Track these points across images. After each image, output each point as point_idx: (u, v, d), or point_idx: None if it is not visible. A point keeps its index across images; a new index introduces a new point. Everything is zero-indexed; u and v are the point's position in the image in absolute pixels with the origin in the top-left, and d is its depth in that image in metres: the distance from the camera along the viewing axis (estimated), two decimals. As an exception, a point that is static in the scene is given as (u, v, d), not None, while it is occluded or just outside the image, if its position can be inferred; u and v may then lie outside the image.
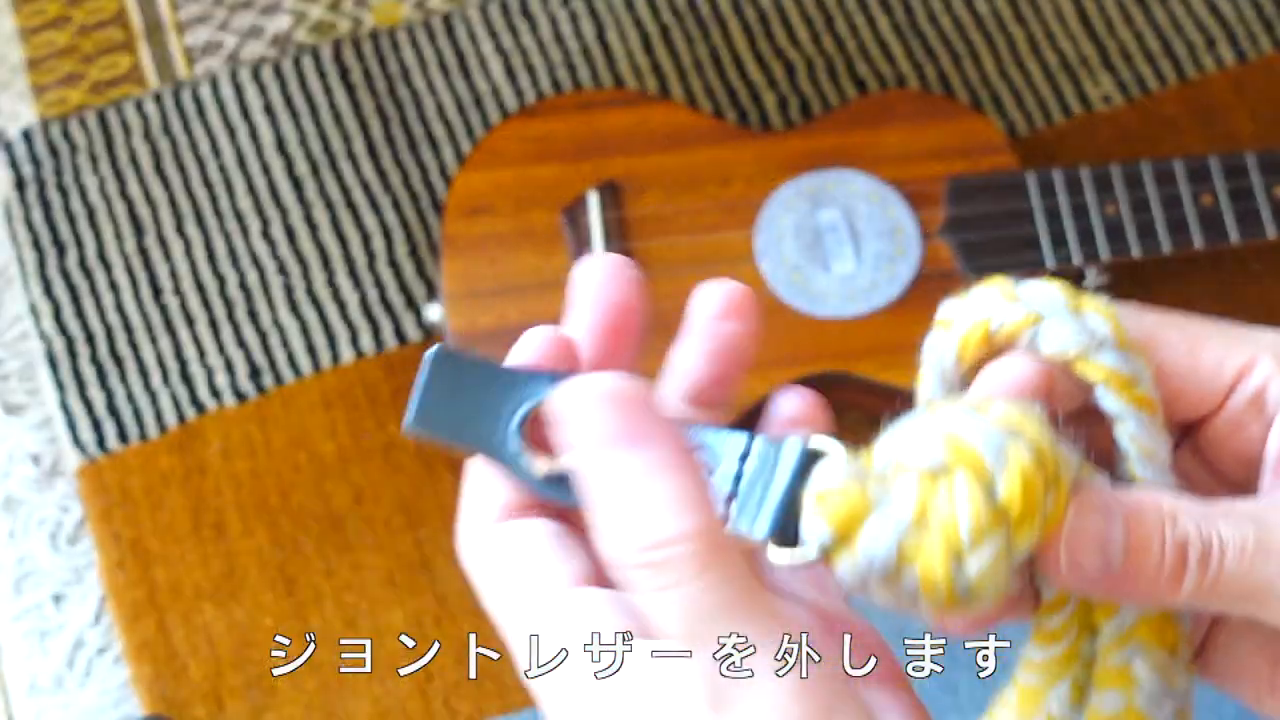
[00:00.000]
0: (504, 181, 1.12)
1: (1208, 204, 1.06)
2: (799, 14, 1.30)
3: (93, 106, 1.27)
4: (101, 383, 1.18)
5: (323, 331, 1.19)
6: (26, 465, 1.17)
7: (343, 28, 1.30)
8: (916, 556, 0.33)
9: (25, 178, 1.25)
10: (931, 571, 0.33)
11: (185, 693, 1.09)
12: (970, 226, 1.08)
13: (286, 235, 1.23)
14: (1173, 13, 1.29)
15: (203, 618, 1.11)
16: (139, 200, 1.24)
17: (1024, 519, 0.33)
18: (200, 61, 1.29)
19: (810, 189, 1.10)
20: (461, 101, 1.27)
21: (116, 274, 1.22)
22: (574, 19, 1.30)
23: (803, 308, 1.07)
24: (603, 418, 0.34)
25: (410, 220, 1.22)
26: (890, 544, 0.33)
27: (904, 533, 0.33)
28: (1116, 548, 0.34)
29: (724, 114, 1.26)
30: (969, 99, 1.26)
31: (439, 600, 1.11)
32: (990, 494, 0.33)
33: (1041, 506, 0.33)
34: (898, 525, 0.33)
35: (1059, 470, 0.34)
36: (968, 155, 1.11)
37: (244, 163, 1.25)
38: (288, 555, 1.12)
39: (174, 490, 1.14)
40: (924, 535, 0.33)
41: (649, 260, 1.09)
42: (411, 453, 1.15)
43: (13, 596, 1.13)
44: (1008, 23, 1.29)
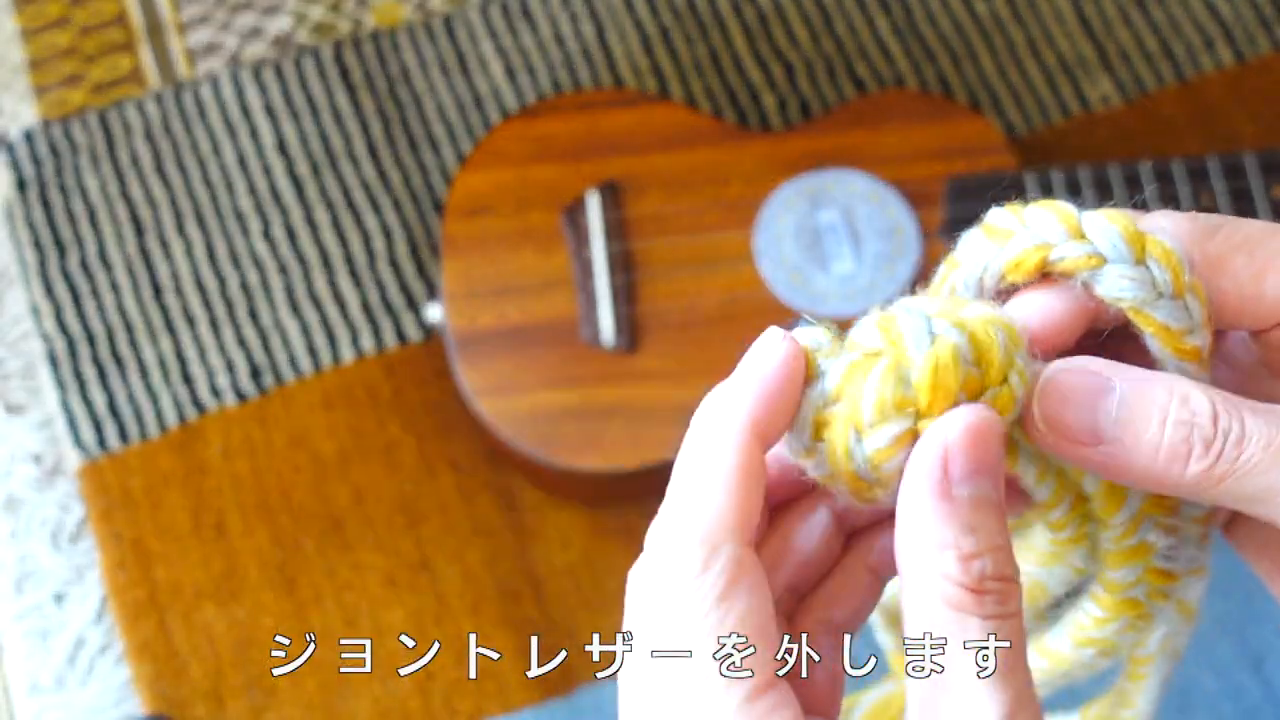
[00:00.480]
0: (504, 181, 1.12)
1: (1207, 204, 1.06)
2: (798, 15, 1.30)
3: (94, 107, 1.28)
4: (102, 383, 1.19)
5: (323, 331, 1.20)
6: (28, 465, 1.17)
7: (343, 29, 1.30)
8: (826, 431, 0.34)
9: (26, 178, 1.25)
10: (834, 445, 0.34)
11: (186, 692, 1.09)
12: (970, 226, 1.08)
13: (287, 235, 1.23)
14: (1171, 14, 1.29)
15: (203, 617, 1.11)
16: (140, 201, 1.24)
17: (931, 409, 0.33)
18: (201, 62, 1.30)
19: (810, 189, 1.10)
20: (462, 102, 1.27)
21: (117, 274, 1.22)
22: (574, 19, 1.30)
23: (802, 308, 1.07)
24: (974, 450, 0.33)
25: (410, 220, 1.23)
26: (808, 413, 0.34)
27: (821, 405, 0.34)
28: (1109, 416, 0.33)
29: (724, 114, 1.26)
30: (968, 99, 1.26)
31: (439, 600, 1.11)
32: (904, 380, 0.33)
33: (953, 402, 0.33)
34: (820, 396, 0.34)
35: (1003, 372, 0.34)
36: (967, 155, 1.11)
37: (245, 163, 1.25)
38: (288, 555, 1.12)
39: (175, 490, 1.15)
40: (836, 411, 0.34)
41: (649, 260, 1.09)
42: (411, 453, 1.15)
43: (14, 596, 1.13)
44: (1006, 23, 1.29)
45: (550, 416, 1.06)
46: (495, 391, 1.07)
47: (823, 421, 0.34)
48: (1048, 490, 0.37)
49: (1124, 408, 0.33)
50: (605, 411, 1.05)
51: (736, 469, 0.33)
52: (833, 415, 0.34)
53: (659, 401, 1.05)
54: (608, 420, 1.05)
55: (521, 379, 1.07)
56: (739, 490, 0.33)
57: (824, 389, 0.34)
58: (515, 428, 1.06)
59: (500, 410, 1.06)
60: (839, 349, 0.35)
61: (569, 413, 1.06)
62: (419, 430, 1.16)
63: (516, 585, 1.11)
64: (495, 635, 1.10)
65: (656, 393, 1.04)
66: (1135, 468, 0.34)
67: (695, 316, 1.07)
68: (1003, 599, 0.32)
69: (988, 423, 0.33)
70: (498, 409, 1.06)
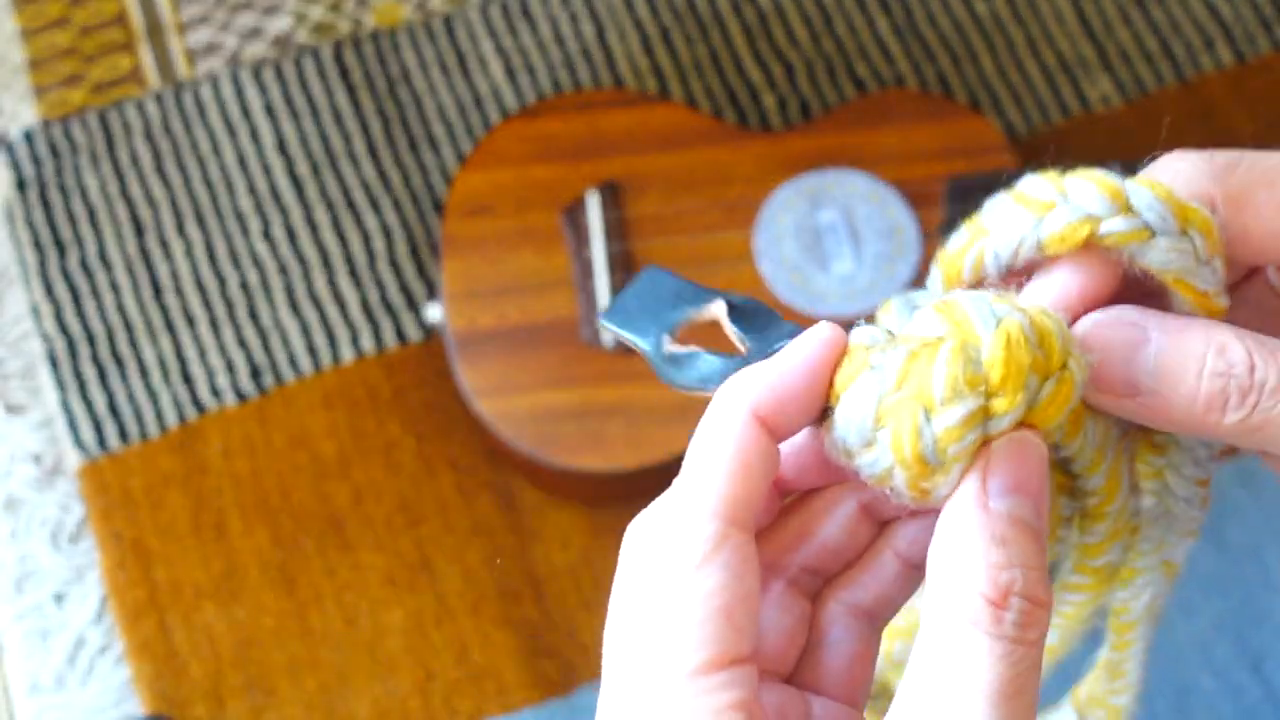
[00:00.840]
0: (504, 181, 1.12)
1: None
2: (798, 15, 1.30)
3: (94, 107, 1.28)
4: (102, 383, 1.19)
5: (323, 331, 1.20)
6: (28, 465, 1.17)
7: (343, 29, 1.30)
8: (889, 419, 0.33)
9: (26, 178, 1.25)
10: (899, 430, 0.33)
11: (186, 692, 1.09)
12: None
13: (287, 235, 1.23)
14: (1171, 14, 1.29)
15: (203, 617, 1.11)
16: (140, 200, 1.24)
17: (1003, 385, 0.33)
18: (201, 62, 1.30)
19: (810, 189, 1.10)
20: (462, 102, 1.27)
21: (117, 274, 1.22)
22: (574, 19, 1.30)
23: (802, 308, 1.07)
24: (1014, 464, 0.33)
25: (410, 220, 1.23)
26: (870, 404, 0.34)
27: (884, 394, 0.34)
28: (1146, 367, 0.33)
29: (724, 114, 1.26)
30: (968, 99, 1.26)
31: (439, 600, 1.11)
32: (973, 360, 0.33)
33: (1024, 380, 0.33)
34: (881, 385, 0.34)
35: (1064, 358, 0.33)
36: (967, 155, 1.11)
37: (245, 163, 1.25)
38: (288, 555, 1.12)
39: (175, 490, 1.15)
40: (901, 397, 0.33)
41: (649, 260, 1.09)
42: (411, 453, 1.15)
43: (14, 596, 1.13)
44: (1007, 23, 1.29)
45: (550, 416, 1.06)
46: (495, 391, 1.07)
47: (885, 411, 0.33)
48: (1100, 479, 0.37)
49: (1161, 358, 0.33)
50: (605, 411, 1.05)
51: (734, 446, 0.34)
52: (897, 402, 0.33)
53: (659, 401, 1.05)
54: (607, 420, 1.05)
55: (521, 379, 1.07)
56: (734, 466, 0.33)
57: (882, 380, 0.34)
58: (515, 428, 1.06)
59: (500, 410, 1.06)
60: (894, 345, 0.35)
61: (569, 413, 1.06)
62: (419, 430, 1.16)
63: (516, 585, 1.11)
64: (495, 635, 1.10)
65: (656, 393, 1.04)
66: (1174, 417, 0.34)
67: (695, 316, 1.07)
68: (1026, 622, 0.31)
69: (1031, 442, 0.33)
70: (498, 409, 1.06)
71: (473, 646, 1.10)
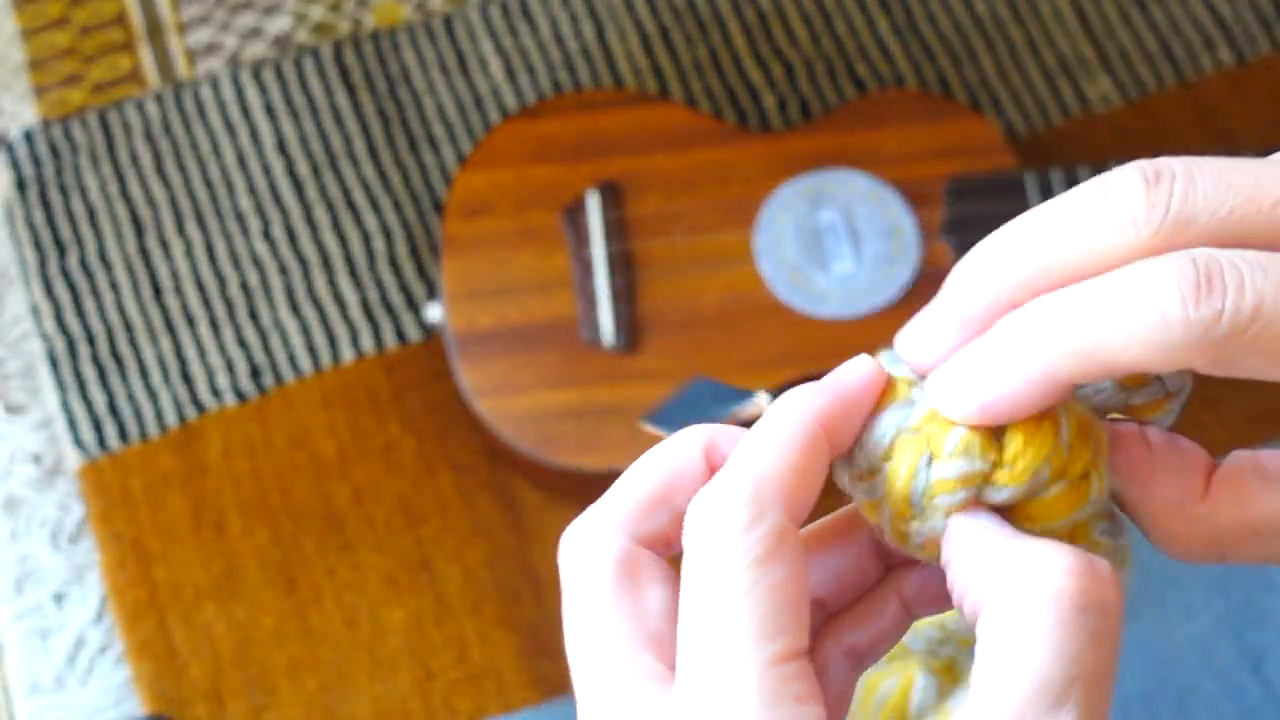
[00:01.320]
0: (504, 181, 1.12)
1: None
2: (798, 15, 1.30)
3: (94, 107, 1.28)
4: (102, 382, 1.19)
5: (323, 331, 1.20)
6: (28, 465, 1.17)
7: (343, 29, 1.30)
8: (898, 453, 0.34)
9: (26, 178, 1.25)
10: (898, 467, 0.34)
11: (186, 692, 1.09)
12: (969, 226, 1.08)
13: (287, 235, 1.23)
14: (1171, 14, 1.29)
15: (203, 617, 1.11)
16: (140, 200, 1.24)
17: (1013, 461, 0.33)
18: (201, 62, 1.30)
19: (810, 189, 1.10)
20: (461, 102, 1.27)
21: (117, 274, 1.22)
22: (574, 19, 1.30)
23: (802, 308, 1.07)
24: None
25: (410, 220, 1.23)
26: (888, 434, 0.34)
27: (904, 428, 0.34)
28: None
29: (724, 114, 1.26)
30: (968, 99, 1.26)
31: (439, 600, 1.11)
32: (997, 430, 0.33)
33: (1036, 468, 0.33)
34: (905, 420, 0.34)
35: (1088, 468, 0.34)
36: (967, 155, 1.11)
37: (245, 163, 1.25)
38: (288, 555, 1.12)
39: (174, 490, 1.15)
40: (915, 436, 0.34)
41: (649, 260, 1.09)
42: (411, 453, 1.15)
43: (14, 596, 1.13)
44: (1007, 24, 1.29)
45: (550, 416, 1.06)
46: (495, 391, 1.07)
47: (898, 444, 0.34)
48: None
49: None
50: (605, 411, 1.05)
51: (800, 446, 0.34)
52: (910, 439, 0.34)
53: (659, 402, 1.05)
54: (608, 420, 1.05)
55: (521, 379, 1.07)
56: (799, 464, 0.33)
57: (909, 415, 0.34)
58: (515, 428, 1.06)
59: (500, 410, 1.06)
60: None
61: (569, 413, 1.06)
62: (419, 430, 1.16)
63: (516, 585, 1.11)
64: (495, 635, 1.10)
65: (656, 393, 1.04)
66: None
67: (695, 317, 1.07)
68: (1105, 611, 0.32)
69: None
70: (498, 409, 1.07)
71: (473, 646, 1.10)
